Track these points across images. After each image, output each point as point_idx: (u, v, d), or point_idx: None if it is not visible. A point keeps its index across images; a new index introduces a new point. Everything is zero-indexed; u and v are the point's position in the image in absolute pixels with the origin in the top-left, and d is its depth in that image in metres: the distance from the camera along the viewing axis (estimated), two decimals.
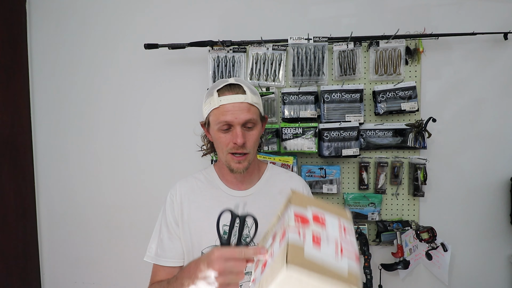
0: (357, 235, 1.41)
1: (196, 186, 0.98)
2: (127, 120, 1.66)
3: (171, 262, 0.93)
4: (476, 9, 1.43)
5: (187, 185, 0.98)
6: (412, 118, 1.46)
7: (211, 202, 0.95)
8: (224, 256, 0.65)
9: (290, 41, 1.44)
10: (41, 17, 1.69)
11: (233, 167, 0.89)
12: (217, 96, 0.86)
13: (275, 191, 0.98)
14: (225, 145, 0.88)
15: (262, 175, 1.01)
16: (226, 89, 0.87)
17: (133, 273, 1.69)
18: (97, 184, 1.70)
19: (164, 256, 0.93)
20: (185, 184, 0.99)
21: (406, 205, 1.48)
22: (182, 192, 0.96)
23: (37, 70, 1.71)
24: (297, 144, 1.43)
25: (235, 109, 0.85)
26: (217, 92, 0.87)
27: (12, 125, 1.65)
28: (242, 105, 0.86)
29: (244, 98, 0.86)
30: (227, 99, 0.85)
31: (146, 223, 1.66)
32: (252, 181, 0.98)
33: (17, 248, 1.66)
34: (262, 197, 0.96)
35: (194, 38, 1.50)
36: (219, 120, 0.87)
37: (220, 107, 0.86)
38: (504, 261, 1.48)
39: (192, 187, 0.97)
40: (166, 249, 0.93)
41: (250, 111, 0.87)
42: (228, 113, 0.85)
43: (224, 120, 0.86)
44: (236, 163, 0.89)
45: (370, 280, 1.33)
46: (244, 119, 0.86)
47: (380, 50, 1.44)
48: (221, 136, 0.88)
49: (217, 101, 0.86)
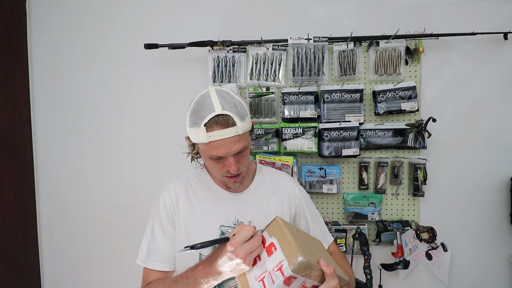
0: (357, 235, 1.41)
1: (189, 187, 0.96)
2: (127, 120, 1.66)
3: (163, 267, 0.90)
4: (476, 9, 1.43)
5: (181, 185, 0.96)
6: (412, 118, 1.46)
7: (208, 203, 0.94)
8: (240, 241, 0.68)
9: (290, 41, 1.44)
10: (41, 17, 1.69)
11: (230, 185, 0.91)
12: (204, 131, 0.79)
13: (267, 192, 0.99)
14: (219, 170, 0.87)
15: (254, 177, 1.02)
16: (214, 123, 0.79)
17: (132, 273, 1.69)
18: (97, 184, 1.70)
19: (156, 260, 0.90)
20: (179, 184, 0.96)
21: (406, 205, 1.48)
22: (177, 192, 0.94)
23: (37, 70, 1.71)
24: (297, 144, 1.43)
25: (227, 143, 0.80)
26: (204, 126, 0.79)
27: (12, 125, 1.65)
28: (234, 138, 0.81)
29: (235, 131, 0.79)
30: (217, 135, 0.79)
31: (146, 223, 1.66)
32: (244, 183, 0.97)
33: (17, 248, 1.66)
34: (255, 199, 0.97)
35: (194, 38, 1.50)
36: (210, 154, 0.83)
37: (210, 143, 0.81)
38: (504, 261, 1.48)
39: (186, 188, 0.96)
40: (159, 252, 0.90)
41: (241, 141, 0.83)
42: (220, 147, 0.81)
43: (216, 154, 0.82)
44: (232, 183, 0.90)
45: (370, 280, 1.33)
46: (236, 150, 0.82)
47: (380, 50, 1.44)
48: (213, 163, 0.86)
49: (206, 137, 0.79)
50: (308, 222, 1.01)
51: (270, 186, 1.00)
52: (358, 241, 1.41)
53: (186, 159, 1.62)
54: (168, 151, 1.64)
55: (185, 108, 1.59)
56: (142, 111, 1.65)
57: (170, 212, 0.93)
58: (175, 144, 1.64)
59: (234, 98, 0.84)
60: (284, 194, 1.00)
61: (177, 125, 1.63)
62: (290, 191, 1.01)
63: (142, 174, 1.66)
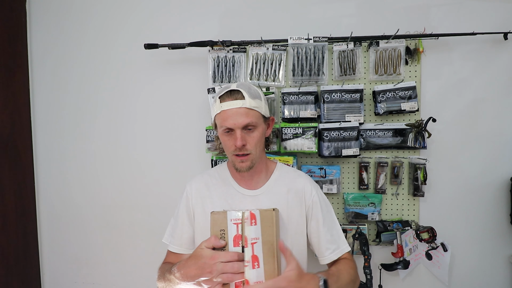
0: (357, 235, 1.41)
1: (210, 183, 1.06)
2: (127, 120, 1.66)
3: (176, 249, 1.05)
4: (476, 9, 1.43)
5: (203, 181, 1.07)
6: (412, 118, 1.46)
7: (227, 198, 1.02)
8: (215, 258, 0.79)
9: (290, 41, 1.44)
10: (41, 17, 1.69)
11: (237, 166, 0.96)
12: (219, 102, 0.93)
13: (283, 190, 1.03)
14: (229, 147, 0.96)
15: (272, 175, 1.06)
16: (226, 95, 0.93)
17: (133, 273, 1.69)
18: (97, 184, 1.70)
19: (173, 243, 1.06)
20: (201, 180, 1.08)
21: (406, 205, 1.48)
22: (197, 188, 1.06)
23: (37, 70, 1.71)
24: (297, 144, 1.43)
25: (234, 114, 0.91)
26: (219, 98, 0.94)
27: (12, 125, 1.65)
28: (240, 110, 0.91)
29: (242, 103, 0.91)
30: (226, 105, 0.92)
31: (146, 222, 1.66)
32: (261, 180, 1.04)
33: (17, 248, 1.66)
34: (271, 196, 1.02)
35: (194, 38, 1.50)
36: (221, 125, 0.94)
37: (221, 112, 0.93)
38: (504, 261, 1.48)
39: (207, 184, 1.06)
40: (175, 237, 1.05)
41: (248, 115, 0.92)
42: (228, 118, 0.91)
43: (225, 125, 0.92)
44: (239, 163, 0.96)
45: (370, 280, 1.33)
46: (243, 123, 0.91)
47: (380, 50, 1.44)
48: (225, 139, 0.96)
49: (219, 107, 0.93)
50: (319, 226, 1.02)
51: (287, 184, 1.04)
52: (358, 241, 1.41)
53: (186, 157, 1.64)
54: (168, 151, 1.64)
55: (185, 108, 1.61)
56: (142, 111, 1.65)
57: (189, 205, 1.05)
58: (174, 143, 1.64)
59: (252, 85, 0.98)
60: (298, 193, 1.03)
61: (177, 125, 1.63)
62: (307, 192, 1.04)
63: (142, 174, 1.66)
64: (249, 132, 0.94)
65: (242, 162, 0.95)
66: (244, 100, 0.91)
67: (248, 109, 0.92)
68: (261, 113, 0.96)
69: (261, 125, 0.96)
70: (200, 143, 1.58)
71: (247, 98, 0.91)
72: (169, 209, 1.23)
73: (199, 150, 1.59)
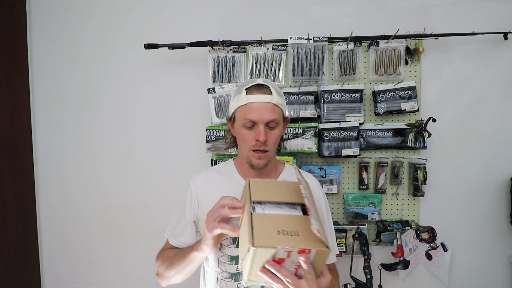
0: (357, 235, 1.41)
1: (216, 179, 1.02)
2: (127, 120, 1.66)
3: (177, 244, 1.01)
4: (476, 9, 1.43)
5: (208, 178, 1.03)
6: (412, 118, 1.46)
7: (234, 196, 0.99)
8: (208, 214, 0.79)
9: (290, 41, 1.44)
10: (41, 17, 1.69)
11: (254, 162, 0.94)
12: (245, 94, 0.91)
13: None
14: (248, 141, 0.93)
15: (280, 175, 1.04)
16: (254, 89, 0.92)
17: (133, 273, 1.69)
18: (97, 184, 1.70)
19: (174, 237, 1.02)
20: (206, 176, 1.03)
21: (406, 205, 1.48)
22: (202, 184, 1.01)
23: (37, 70, 1.71)
24: (297, 144, 1.43)
25: (261, 108, 0.89)
26: (245, 90, 0.92)
27: (12, 125, 1.65)
28: (268, 105, 0.90)
29: (270, 99, 0.90)
30: (254, 98, 0.90)
31: (146, 222, 1.66)
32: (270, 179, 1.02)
33: (17, 248, 1.66)
34: None
35: (194, 38, 1.50)
36: (244, 117, 0.91)
37: (247, 104, 0.91)
38: (504, 261, 1.48)
39: (212, 180, 1.02)
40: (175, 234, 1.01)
41: (274, 112, 0.91)
42: (254, 111, 0.89)
43: (249, 117, 0.90)
44: (256, 159, 0.93)
45: (370, 280, 1.33)
46: (268, 118, 0.90)
47: (380, 50, 1.44)
48: (244, 132, 0.93)
49: (245, 98, 0.91)
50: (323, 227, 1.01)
51: None
52: (358, 241, 1.41)
53: (186, 157, 1.64)
54: (168, 151, 1.64)
55: (185, 108, 1.61)
56: (142, 111, 1.65)
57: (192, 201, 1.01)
58: (174, 144, 1.64)
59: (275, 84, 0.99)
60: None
61: (177, 125, 1.63)
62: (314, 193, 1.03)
63: (142, 174, 1.66)
64: (271, 129, 0.93)
65: (260, 159, 0.93)
66: (272, 96, 0.90)
67: (275, 105, 0.91)
68: (284, 112, 0.96)
69: (281, 124, 0.96)
70: (200, 143, 1.58)
71: (275, 95, 0.91)
72: (169, 209, 1.23)
73: (199, 150, 1.59)
